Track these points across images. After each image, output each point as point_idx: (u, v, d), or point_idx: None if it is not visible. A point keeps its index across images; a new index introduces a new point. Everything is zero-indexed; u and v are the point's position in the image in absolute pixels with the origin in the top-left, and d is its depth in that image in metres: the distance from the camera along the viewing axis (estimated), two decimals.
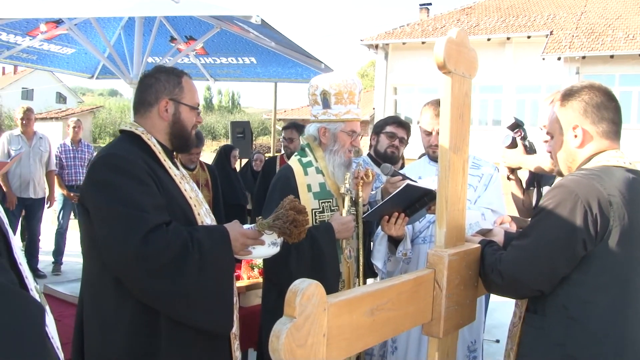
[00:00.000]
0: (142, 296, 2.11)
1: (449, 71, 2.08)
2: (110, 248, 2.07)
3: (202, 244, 2.12)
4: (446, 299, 2.08)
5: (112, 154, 2.21)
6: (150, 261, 2.03)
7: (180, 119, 2.37)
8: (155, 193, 2.15)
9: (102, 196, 2.11)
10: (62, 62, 6.79)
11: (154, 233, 2.04)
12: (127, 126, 2.35)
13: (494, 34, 23.66)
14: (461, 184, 2.24)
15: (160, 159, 2.30)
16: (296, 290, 1.42)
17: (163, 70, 2.41)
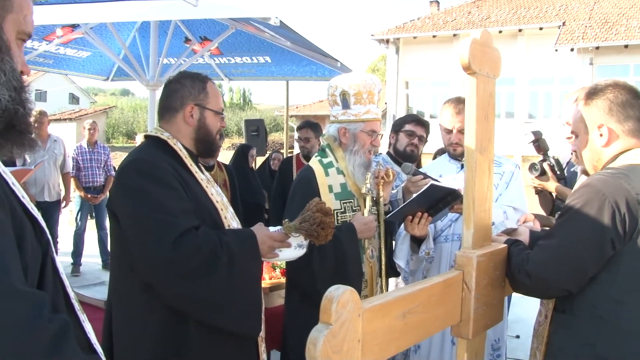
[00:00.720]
0: (172, 300, 2.13)
1: (474, 72, 2.08)
2: (140, 253, 2.09)
3: (231, 248, 2.14)
4: (475, 300, 2.08)
5: (140, 159, 2.23)
6: (181, 265, 2.05)
7: (205, 124, 2.39)
8: (183, 197, 2.17)
9: (131, 201, 2.13)
10: (78, 65, 6.85)
11: (184, 237, 2.05)
12: (152, 132, 2.38)
13: (505, 26, 23.51)
14: (487, 184, 2.24)
15: (186, 164, 2.32)
16: (332, 297, 1.42)
17: (188, 75, 2.42)
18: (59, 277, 1.35)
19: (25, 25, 1.33)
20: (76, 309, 1.39)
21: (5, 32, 1.27)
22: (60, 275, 1.36)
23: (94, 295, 3.50)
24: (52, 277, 1.31)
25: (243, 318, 2.23)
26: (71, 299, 1.38)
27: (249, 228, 2.32)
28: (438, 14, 26.96)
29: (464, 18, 25.15)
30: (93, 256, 8.45)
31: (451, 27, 24.71)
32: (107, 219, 8.34)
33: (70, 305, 1.37)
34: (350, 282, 2.77)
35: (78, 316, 1.39)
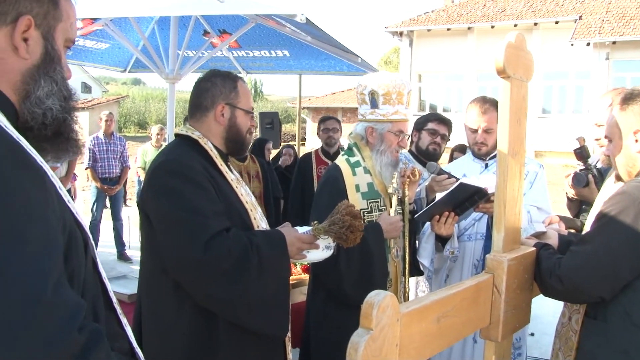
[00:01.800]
0: (203, 301, 2.15)
1: (508, 76, 2.07)
2: (172, 254, 2.11)
3: (260, 250, 2.15)
4: (504, 303, 2.09)
5: (172, 159, 2.24)
6: (212, 267, 2.07)
7: (236, 123, 2.40)
8: (214, 198, 2.18)
9: (163, 202, 2.14)
10: (97, 56, 6.86)
11: (216, 239, 2.07)
12: (183, 130, 2.39)
13: (520, 19, 23.34)
14: (518, 187, 2.24)
15: (217, 164, 2.33)
16: (372, 303, 1.44)
17: (219, 74, 2.43)
18: (100, 280, 1.36)
19: (72, 32, 1.34)
20: (118, 312, 1.40)
21: (56, 42, 1.28)
22: (102, 278, 1.37)
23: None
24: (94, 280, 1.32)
25: (271, 319, 2.25)
26: (113, 303, 1.39)
27: (278, 229, 2.33)
28: (452, 6, 26.78)
29: (479, 11, 24.97)
30: (108, 246, 8.53)
31: (466, 20, 24.55)
32: (122, 210, 8.50)
33: (113, 308, 1.39)
34: (376, 282, 2.81)
35: (120, 320, 1.41)
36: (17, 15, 1.20)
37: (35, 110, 1.24)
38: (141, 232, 2.34)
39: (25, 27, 1.21)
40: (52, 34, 1.27)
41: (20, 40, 1.21)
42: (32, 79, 1.24)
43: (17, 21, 1.20)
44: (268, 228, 2.46)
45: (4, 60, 1.20)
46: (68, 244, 1.18)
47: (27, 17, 1.21)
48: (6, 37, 1.20)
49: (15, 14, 1.20)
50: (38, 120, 1.24)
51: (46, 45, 1.26)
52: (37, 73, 1.25)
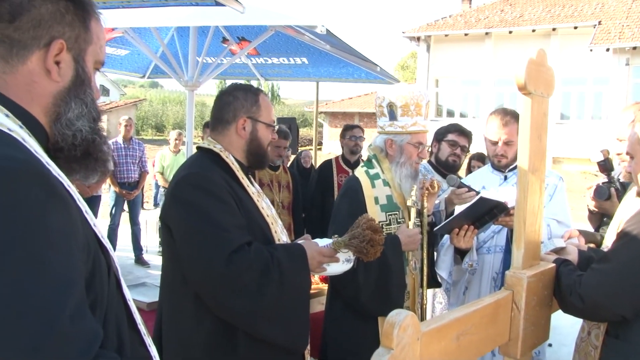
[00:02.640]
0: (223, 314, 2.17)
1: (529, 92, 2.07)
2: (194, 267, 2.13)
3: (281, 264, 2.17)
4: (524, 320, 2.08)
5: (195, 173, 2.26)
6: (233, 281, 2.09)
7: (257, 137, 2.42)
8: (236, 212, 2.20)
9: (186, 216, 2.16)
10: (116, 63, 6.95)
11: (237, 253, 2.09)
12: (205, 143, 2.41)
13: (539, 24, 23.21)
14: (538, 204, 2.23)
15: (238, 177, 2.35)
16: (393, 322, 1.44)
17: (241, 88, 2.46)
18: (124, 301, 1.36)
19: (101, 54, 1.35)
20: (142, 333, 1.40)
21: (87, 65, 1.29)
22: (125, 299, 1.36)
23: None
24: (117, 301, 1.32)
25: (291, 332, 2.27)
26: (137, 324, 1.38)
27: (299, 243, 2.35)
28: (470, 11, 26.70)
29: (497, 16, 24.86)
30: (126, 250, 8.60)
31: (483, 25, 24.46)
32: (140, 214, 8.56)
33: (137, 329, 1.39)
34: (393, 294, 2.81)
35: (144, 340, 1.40)
36: (50, 39, 1.22)
37: (66, 132, 1.25)
38: (162, 243, 2.37)
39: (57, 51, 1.23)
40: (82, 57, 1.29)
41: (52, 63, 1.23)
42: (63, 102, 1.26)
43: (50, 45, 1.22)
44: (289, 241, 2.48)
45: (37, 83, 1.22)
46: (92, 271, 1.18)
47: (59, 40, 1.23)
48: (39, 60, 1.22)
49: (49, 37, 1.22)
50: (68, 141, 1.26)
51: (77, 68, 1.27)
52: (68, 95, 1.26)
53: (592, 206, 3.31)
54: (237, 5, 3.10)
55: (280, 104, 56.91)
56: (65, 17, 1.24)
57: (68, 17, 1.24)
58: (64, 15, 1.24)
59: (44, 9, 1.21)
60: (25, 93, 1.20)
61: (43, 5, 1.21)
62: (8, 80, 1.19)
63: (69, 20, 1.24)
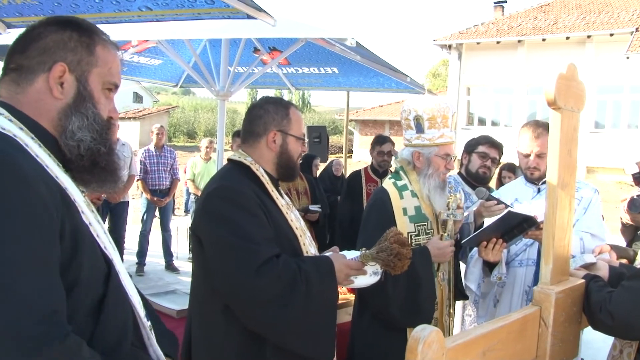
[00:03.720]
0: (252, 325, 2.20)
1: (559, 107, 2.06)
2: (223, 279, 2.16)
3: (309, 277, 2.19)
4: (552, 336, 2.06)
5: (226, 186, 2.30)
6: (262, 293, 2.12)
7: (287, 150, 2.45)
8: (265, 225, 2.24)
9: (216, 228, 2.20)
10: (150, 72, 7.09)
11: (266, 266, 2.12)
12: (235, 156, 2.45)
13: (573, 32, 22.87)
14: (567, 219, 2.21)
15: (268, 189, 2.39)
16: (418, 338, 1.45)
17: (271, 101, 2.49)
18: (129, 304, 1.51)
19: (111, 76, 1.53)
20: (145, 336, 1.56)
21: (89, 84, 1.47)
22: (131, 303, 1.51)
23: (167, 304, 3.61)
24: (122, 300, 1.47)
25: (318, 344, 2.28)
26: (140, 327, 1.55)
27: (327, 255, 2.37)
28: (502, 19, 26.45)
29: (530, 24, 24.58)
30: (157, 256, 8.73)
31: (516, 33, 24.20)
32: (171, 221, 8.68)
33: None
34: (423, 306, 2.81)
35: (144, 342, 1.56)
36: (53, 63, 1.41)
37: (70, 142, 1.43)
38: (193, 253, 2.41)
39: (60, 73, 1.42)
40: (85, 77, 1.46)
41: (54, 83, 1.41)
42: (65, 115, 1.43)
43: (52, 68, 1.41)
44: (317, 253, 2.50)
45: (43, 100, 1.41)
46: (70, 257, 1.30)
47: (60, 63, 1.42)
48: (44, 81, 1.41)
49: (52, 62, 1.42)
50: (74, 152, 1.44)
51: (79, 87, 1.45)
52: (70, 110, 1.44)
53: (625, 219, 3.25)
54: (269, 18, 3.14)
55: (310, 112, 57.13)
56: (67, 44, 1.44)
57: (71, 44, 1.44)
58: (67, 43, 1.44)
59: (49, 39, 1.43)
60: (35, 109, 1.40)
61: (49, 36, 1.43)
62: (20, 99, 1.40)
63: (71, 46, 1.44)
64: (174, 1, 3.17)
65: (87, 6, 3.37)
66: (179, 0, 3.15)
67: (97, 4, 3.36)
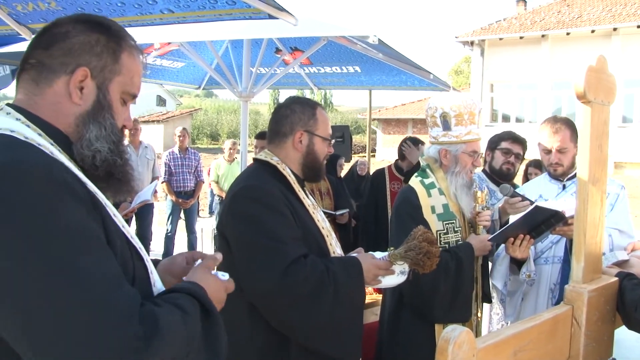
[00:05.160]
0: (279, 325, 2.19)
1: (589, 101, 2.01)
2: (250, 279, 2.16)
3: (337, 277, 2.17)
4: (585, 336, 2.01)
5: (253, 185, 2.30)
6: (289, 293, 2.11)
7: (313, 150, 2.44)
8: (293, 225, 2.23)
9: (244, 228, 2.20)
10: (172, 75, 7.14)
11: (294, 266, 2.11)
12: (262, 155, 2.45)
13: (598, 25, 22.48)
14: (599, 215, 2.16)
15: (294, 189, 2.38)
16: (448, 339, 1.42)
17: (298, 101, 2.49)
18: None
19: (132, 86, 1.46)
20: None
21: (109, 93, 1.40)
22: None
23: None
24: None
25: (345, 345, 2.27)
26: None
27: (355, 256, 2.35)
28: (525, 13, 26.14)
29: (553, 17, 24.24)
30: None
31: (539, 27, 23.89)
32: (196, 223, 8.73)
33: None
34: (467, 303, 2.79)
35: None
36: (76, 67, 1.35)
37: (85, 152, 1.36)
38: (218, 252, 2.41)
39: (81, 77, 1.35)
40: (106, 86, 1.40)
41: (74, 87, 1.35)
42: (83, 123, 1.37)
43: (75, 71, 1.35)
44: (342, 254, 2.48)
45: (61, 104, 1.35)
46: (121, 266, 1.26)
47: (83, 68, 1.35)
48: (65, 84, 1.35)
49: (75, 65, 1.35)
50: (87, 161, 1.37)
51: (99, 95, 1.39)
52: (88, 118, 1.37)
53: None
54: (290, 17, 3.13)
55: (333, 112, 57.08)
56: (94, 48, 1.37)
57: (97, 48, 1.37)
58: (93, 47, 1.37)
59: (76, 40, 1.36)
60: (52, 112, 1.34)
61: (76, 36, 1.36)
62: (37, 101, 1.34)
63: (97, 51, 1.37)
64: (196, 3, 3.18)
65: (109, 10, 3.40)
66: (201, 2, 3.16)
67: (119, 7, 3.39)
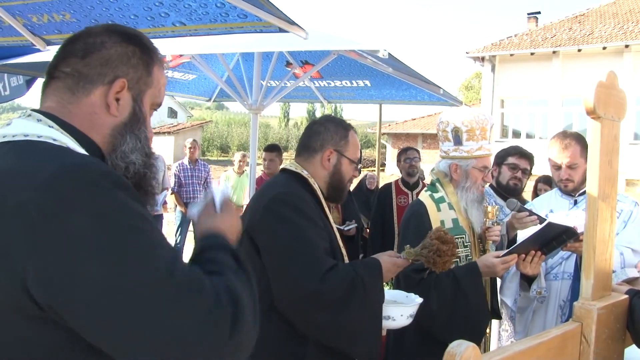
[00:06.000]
0: (309, 329, 2.22)
1: (599, 116, 2.00)
2: (286, 284, 2.18)
3: (364, 280, 2.22)
4: (594, 354, 1.98)
5: (290, 192, 2.32)
6: (325, 298, 2.15)
7: (340, 170, 2.47)
8: (325, 237, 2.28)
9: (282, 232, 2.21)
10: (184, 87, 7.21)
11: (330, 272, 2.16)
12: (291, 166, 2.47)
13: (610, 42, 22.43)
14: (609, 232, 2.14)
15: (322, 204, 2.42)
16: (454, 354, 1.40)
17: (333, 120, 2.54)
18: None
19: (159, 97, 1.47)
20: None
21: (144, 105, 1.41)
22: None
23: None
24: None
25: (369, 345, 2.31)
26: None
27: (374, 257, 2.38)
28: (536, 30, 26.13)
29: (565, 34, 24.21)
30: None
31: (550, 44, 23.87)
32: None
33: None
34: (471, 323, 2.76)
35: None
36: (114, 78, 1.34)
37: (119, 163, 1.35)
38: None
39: (119, 89, 1.34)
40: (141, 97, 1.40)
41: (112, 99, 1.34)
42: (120, 134, 1.36)
43: (114, 82, 1.34)
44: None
45: (97, 115, 1.33)
46: None
47: (122, 79, 1.35)
48: (102, 95, 1.33)
49: (113, 76, 1.34)
50: (119, 173, 1.33)
51: (135, 107, 1.39)
52: (125, 129, 1.37)
53: None
54: (300, 31, 3.15)
55: None
56: (131, 60, 1.37)
57: (133, 60, 1.38)
58: (130, 59, 1.37)
59: (113, 50, 1.35)
60: (87, 122, 1.32)
61: (113, 47, 1.35)
62: (72, 110, 1.31)
63: (133, 63, 1.38)
64: (207, 16, 3.21)
65: (122, 22, 3.44)
66: (212, 15, 3.19)
67: (132, 20, 3.43)
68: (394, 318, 2.34)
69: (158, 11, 3.27)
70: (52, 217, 1.05)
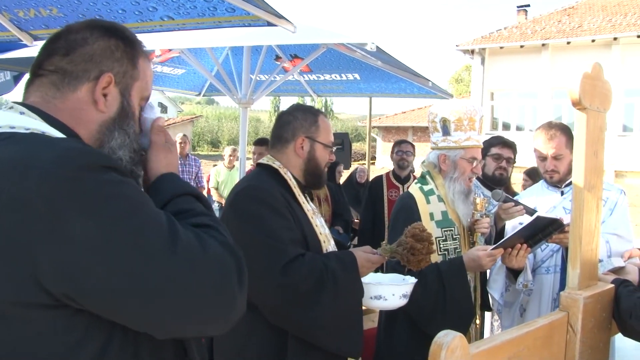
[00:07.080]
0: (280, 323, 2.22)
1: (584, 107, 2.02)
2: (251, 278, 2.16)
3: (335, 273, 2.21)
4: (580, 343, 2.02)
5: (256, 186, 2.33)
6: (289, 291, 2.14)
7: (314, 157, 2.47)
8: (292, 227, 2.26)
9: (244, 226, 2.22)
10: (173, 82, 7.17)
11: (293, 263, 2.14)
12: (264, 160, 2.48)
13: (599, 34, 22.49)
14: (595, 222, 2.16)
15: (295, 193, 2.41)
16: (441, 344, 1.42)
17: (300, 108, 2.53)
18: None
19: (147, 90, 1.45)
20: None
21: (132, 99, 1.39)
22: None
23: None
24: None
25: (346, 340, 2.30)
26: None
27: (349, 251, 2.37)
28: (526, 22, 26.16)
29: (554, 27, 24.27)
30: None
31: (540, 36, 23.92)
32: None
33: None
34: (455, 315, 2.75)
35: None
36: (99, 73, 1.32)
37: None
38: None
39: (105, 84, 1.32)
40: (129, 92, 1.38)
41: (100, 95, 1.32)
42: (108, 130, 1.33)
43: (99, 78, 1.32)
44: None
45: (84, 110, 1.31)
46: None
47: (108, 74, 1.32)
48: (89, 91, 1.31)
49: (98, 71, 1.32)
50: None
51: (122, 101, 1.36)
52: (113, 125, 1.34)
53: None
54: (289, 25, 3.15)
55: (333, 119, 57.21)
56: (114, 53, 1.35)
57: (117, 54, 1.35)
58: (114, 52, 1.35)
59: (96, 46, 1.33)
60: (73, 118, 1.29)
61: (95, 42, 1.33)
62: (57, 104, 1.29)
63: (117, 56, 1.35)
64: (195, 10, 3.20)
65: (110, 17, 3.42)
66: (200, 9, 3.18)
67: (120, 14, 3.41)
68: (386, 297, 2.33)
69: (146, 5, 3.25)
70: (60, 205, 1.05)
